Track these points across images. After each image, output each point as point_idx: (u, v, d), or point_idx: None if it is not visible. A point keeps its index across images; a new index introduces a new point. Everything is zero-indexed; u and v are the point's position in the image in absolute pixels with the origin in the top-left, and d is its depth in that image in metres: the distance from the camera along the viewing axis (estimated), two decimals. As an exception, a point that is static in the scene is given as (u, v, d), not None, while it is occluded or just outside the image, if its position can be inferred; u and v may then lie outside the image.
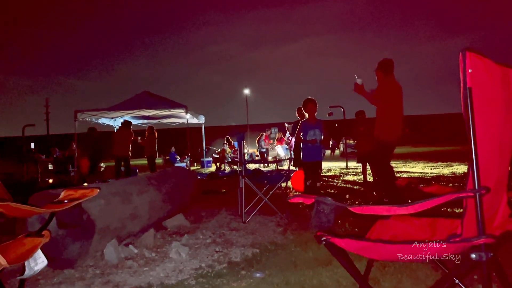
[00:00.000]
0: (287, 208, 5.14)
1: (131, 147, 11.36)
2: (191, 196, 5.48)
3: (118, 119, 14.53)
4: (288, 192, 7.34)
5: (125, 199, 3.82)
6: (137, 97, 14.09)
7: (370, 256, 1.91)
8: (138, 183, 4.38)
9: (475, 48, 1.36)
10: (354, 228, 4.12)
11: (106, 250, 3.34)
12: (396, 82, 5.19)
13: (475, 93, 1.32)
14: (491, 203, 1.47)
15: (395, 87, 5.16)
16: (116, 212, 3.61)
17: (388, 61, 5.25)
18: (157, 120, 16.29)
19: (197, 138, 17.92)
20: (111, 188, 3.88)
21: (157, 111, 13.73)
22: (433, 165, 12.66)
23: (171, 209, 4.67)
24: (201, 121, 16.69)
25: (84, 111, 12.89)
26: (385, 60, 5.25)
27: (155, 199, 4.33)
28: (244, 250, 3.60)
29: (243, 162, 5.17)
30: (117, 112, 13.40)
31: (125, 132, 11.25)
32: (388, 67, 5.19)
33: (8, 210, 1.64)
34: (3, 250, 1.76)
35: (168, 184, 4.80)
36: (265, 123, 34.62)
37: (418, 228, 1.92)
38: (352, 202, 5.88)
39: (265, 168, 15.27)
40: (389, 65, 5.21)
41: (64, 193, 2.03)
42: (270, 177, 5.62)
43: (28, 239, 1.93)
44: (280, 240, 3.89)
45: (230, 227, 4.59)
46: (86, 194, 2.02)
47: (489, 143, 1.40)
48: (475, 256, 1.30)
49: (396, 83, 5.19)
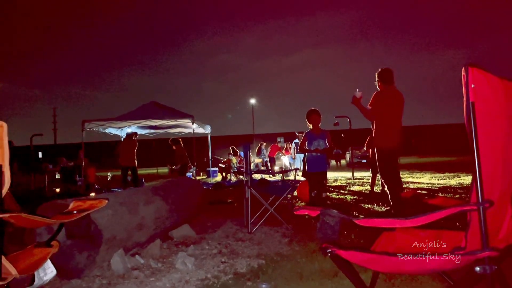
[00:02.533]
0: (293, 219, 5.14)
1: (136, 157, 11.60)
2: (197, 207, 5.50)
3: (125, 128, 14.66)
4: (294, 203, 7.34)
5: (132, 210, 3.85)
6: (144, 107, 14.22)
7: (375, 268, 1.92)
8: (145, 194, 4.41)
9: (478, 63, 1.38)
10: (360, 240, 4.11)
11: (113, 260, 3.36)
12: (395, 91, 5.24)
13: (478, 107, 1.34)
14: (495, 216, 1.48)
15: (393, 96, 5.20)
16: (123, 222, 3.63)
17: (386, 71, 5.28)
18: (163, 130, 16.40)
19: (203, 147, 17.98)
20: (119, 198, 3.91)
21: (164, 121, 13.83)
22: (440, 175, 12.59)
23: (177, 219, 4.69)
24: (207, 131, 16.78)
25: (92, 121, 13.03)
26: (383, 70, 5.29)
27: (162, 210, 4.35)
28: (250, 261, 3.60)
29: (249, 172, 5.19)
30: (124, 122, 13.52)
31: (130, 142, 11.47)
32: (387, 77, 5.24)
33: (19, 221, 1.68)
34: (13, 260, 1.79)
35: (175, 194, 4.83)
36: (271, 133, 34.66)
37: (423, 241, 1.92)
38: (358, 214, 5.87)
39: (271, 178, 15.26)
40: (388, 75, 5.25)
41: (73, 204, 2.07)
42: (276, 188, 5.63)
43: (38, 249, 1.97)
44: (286, 251, 3.89)
45: (236, 237, 4.59)
46: (95, 205, 2.05)
47: (492, 156, 1.42)
48: (480, 269, 1.31)
49: (396, 92, 5.23)
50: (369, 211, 6.09)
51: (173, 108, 14.67)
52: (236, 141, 26.61)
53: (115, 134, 15.27)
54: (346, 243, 4.04)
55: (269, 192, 5.58)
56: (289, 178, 12.04)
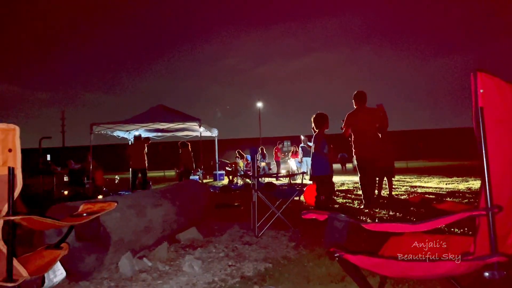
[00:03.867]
0: (300, 222, 5.14)
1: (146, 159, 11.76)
2: (204, 210, 5.51)
3: (132, 132, 14.75)
4: (301, 206, 7.33)
5: (139, 212, 3.87)
6: (152, 111, 14.32)
7: (383, 273, 1.91)
8: (153, 196, 4.43)
9: (486, 68, 1.39)
10: (367, 244, 4.10)
11: (121, 262, 3.39)
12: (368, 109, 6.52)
13: (486, 112, 1.34)
14: (504, 221, 1.47)
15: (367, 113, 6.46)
16: (131, 225, 3.66)
17: (359, 93, 6.57)
18: (171, 133, 16.47)
19: (210, 150, 18.03)
20: (127, 201, 3.94)
21: (171, 124, 13.90)
22: (448, 180, 12.50)
23: (184, 222, 4.71)
24: (214, 134, 16.83)
25: (100, 124, 13.13)
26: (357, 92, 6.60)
27: (169, 212, 4.38)
28: (257, 264, 3.61)
29: (256, 176, 5.20)
30: (132, 125, 13.61)
31: (139, 145, 11.63)
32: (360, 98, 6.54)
33: (30, 223, 1.70)
34: (24, 262, 1.81)
35: (182, 197, 4.85)
36: (278, 136, 34.64)
37: (431, 245, 1.92)
38: (366, 218, 5.85)
39: (277, 181, 15.25)
40: (361, 96, 6.55)
41: (82, 206, 2.09)
42: (283, 192, 5.63)
43: (48, 252, 1.99)
44: (293, 255, 3.89)
45: (243, 241, 4.60)
46: (104, 208, 2.07)
47: (501, 161, 1.42)
48: (488, 275, 1.31)
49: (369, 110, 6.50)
50: (376, 215, 6.06)
51: (181, 111, 14.74)
52: (242, 144, 26.67)
53: (123, 137, 15.36)
54: (354, 247, 4.03)
55: (276, 195, 5.59)
56: (296, 181, 12.02)
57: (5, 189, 1.55)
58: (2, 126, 1.57)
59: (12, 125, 1.59)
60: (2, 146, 1.56)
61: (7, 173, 1.55)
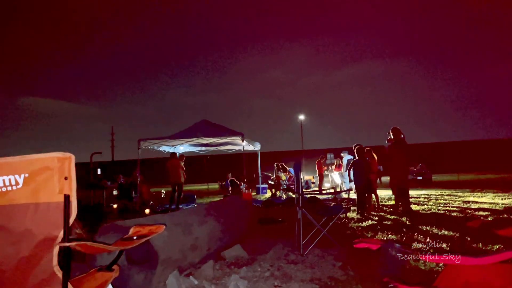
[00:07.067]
0: (346, 241, 5.00)
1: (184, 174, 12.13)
2: (248, 226, 5.51)
3: (178, 146, 15.11)
4: (346, 223, 7.15)
5: (186, 230, 3.92)
6: (196, 126, 14.60)
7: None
8: (199, 214, 4.48)
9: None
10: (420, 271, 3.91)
11: (169, 281, 3.43)
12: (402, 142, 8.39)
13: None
14: None
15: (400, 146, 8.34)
16: (177, 243, 3.71)
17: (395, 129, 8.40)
18: (214, 147, 16.71)
19: (253, 164, 18.10)
20: (174, 219, 4.01)
21: (215, 139, 14.10)
22: (504, 195, 11.77)
23: (229, 240, 4.71)
24: (256, 148, 16.90)
25: (147, 139, 13.55)
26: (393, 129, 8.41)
27: (214, 230, 4.40)
28: (303, 285, 3.53)
29: (300, 192, 5.13)
30: (177, 140, 13.94)
31: (174, 162, 12.11)
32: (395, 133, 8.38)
33: (84, 248, 1.75)
34: (77, 284, 1.86)
35: (226, 214, 4.87)
36: (320, 149, 34.23)
37: (494, 275, 1.79)
38: (418, 242, 5.59)
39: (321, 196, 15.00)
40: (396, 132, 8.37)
41: (132, 229, 2.13)
42: (329, 209, 5.52)
43: (100, 274, 2.04)
44: (340, 276, 3.76)
45: (288, 259, 4.53)
46: (153, 231, 2.11)
47: None
48: None
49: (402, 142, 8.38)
50: (430, 235, 5.79)
51: (223, 126, 14.94)
52: (285, 157, 26.58)
53: (169, 152, 15.77)
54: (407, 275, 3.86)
55: (321, 214, 5.48)
56: (341, 197, 11.76)
57: (61, 216, 1.60)
58: (59, 155, 1.63)
59: (68, 154, 1.65)
60: (59, 175, 1.62)
61: (63, 200, 1.61)
